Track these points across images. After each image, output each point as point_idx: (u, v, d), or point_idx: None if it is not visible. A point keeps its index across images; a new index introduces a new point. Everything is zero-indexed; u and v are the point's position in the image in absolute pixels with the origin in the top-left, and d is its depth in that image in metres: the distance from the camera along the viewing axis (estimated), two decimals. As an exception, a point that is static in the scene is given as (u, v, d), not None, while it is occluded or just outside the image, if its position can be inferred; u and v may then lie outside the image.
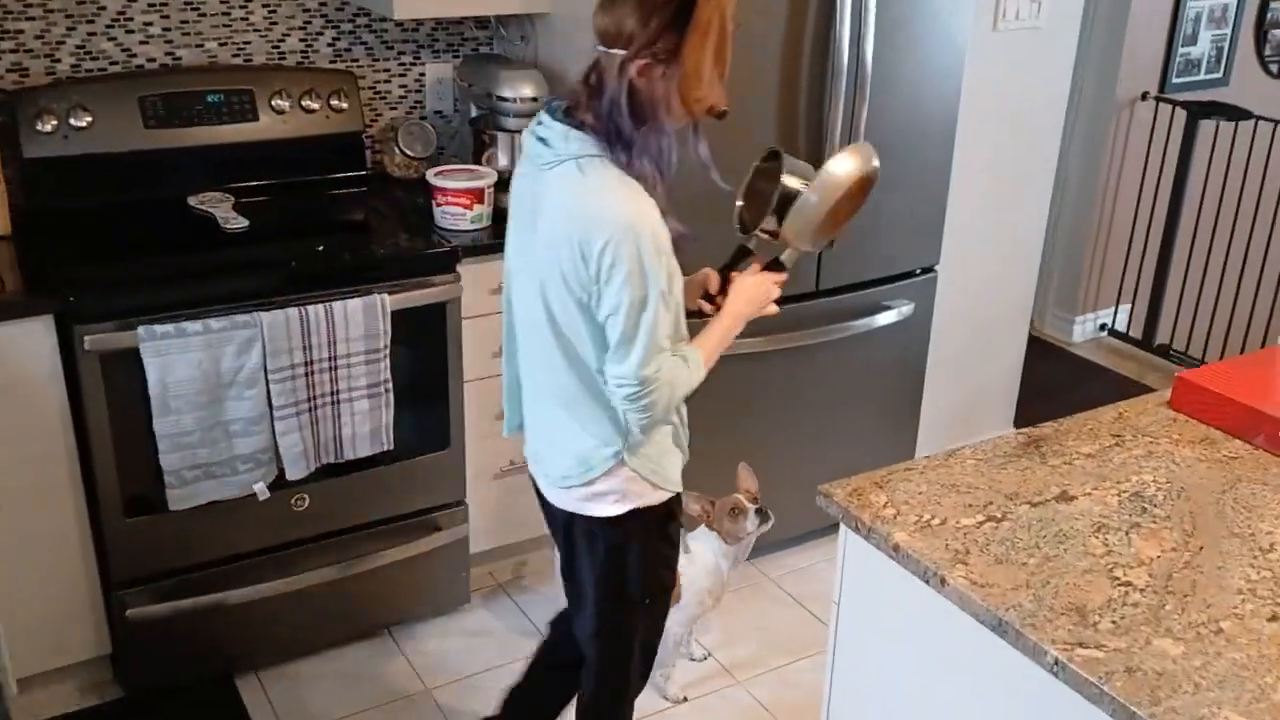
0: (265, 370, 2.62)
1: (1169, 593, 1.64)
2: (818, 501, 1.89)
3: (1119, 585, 1.65)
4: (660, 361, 1.91)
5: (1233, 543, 1.76)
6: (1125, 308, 5.08)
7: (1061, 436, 2.07)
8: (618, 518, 2.08)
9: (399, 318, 2.77)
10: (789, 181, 2.09)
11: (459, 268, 2.88)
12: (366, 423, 2.80)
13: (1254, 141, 4.61)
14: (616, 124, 1.86)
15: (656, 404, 1.94)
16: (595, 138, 1.88)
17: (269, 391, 2.64)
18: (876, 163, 2.11)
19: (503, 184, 3.01)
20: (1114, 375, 4.81)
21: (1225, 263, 4.77)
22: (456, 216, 2.96)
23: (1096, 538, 1.76)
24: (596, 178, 1.87)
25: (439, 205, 2.97)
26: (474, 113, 3.26)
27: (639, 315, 1.87)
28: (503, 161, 3.09)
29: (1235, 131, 4.62)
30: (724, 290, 2.14)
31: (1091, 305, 5.05)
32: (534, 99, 3.06)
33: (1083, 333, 5.06)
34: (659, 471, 2.09)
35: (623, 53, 1.83)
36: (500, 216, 3.01)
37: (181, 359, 2.53)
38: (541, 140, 1.94)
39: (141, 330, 2.49)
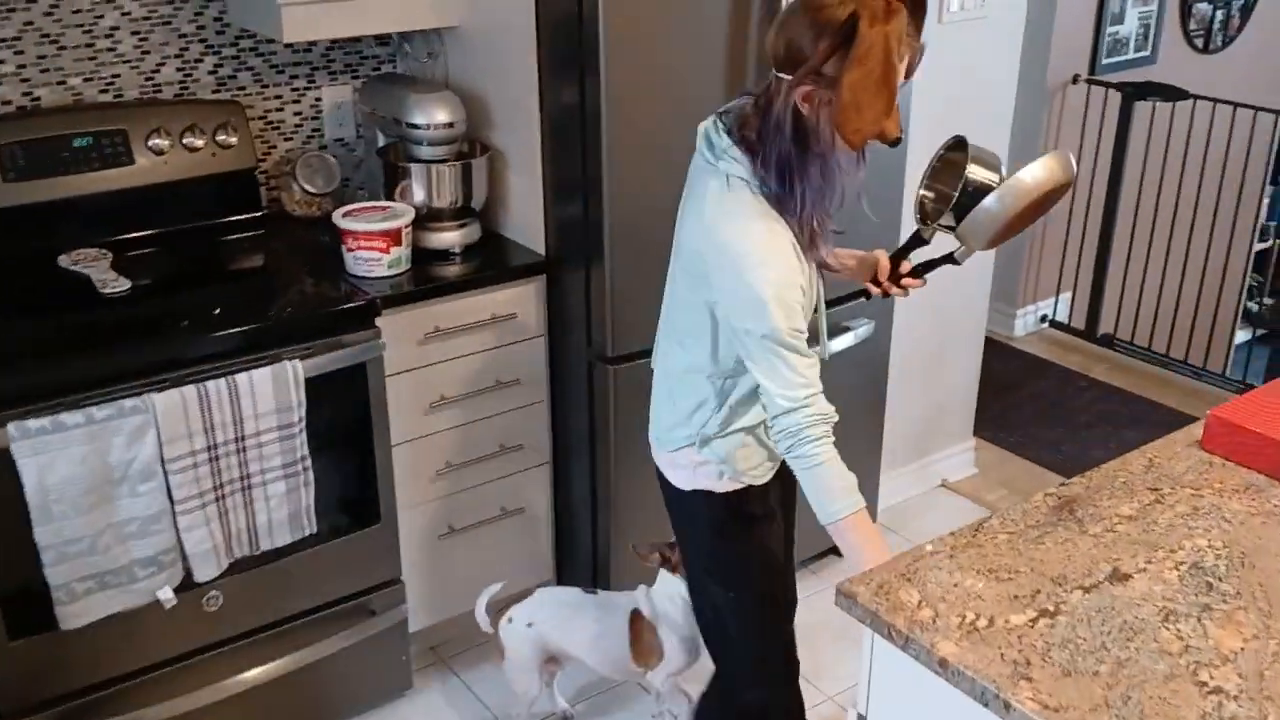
0: (162, 460, 2.26)
1: (1266, 698, 1.40)
2: (836, 603, 1.62)
3: (1209, 694, 1.41)
4: (810, 413, 1.87)
5: (1319, 622, 1.53)
6: (1065, 297, 4.93)
7: (1094, 495, 1.82)
8: (685, 492, 2.11)
9: (314, 385, 2.43)
10: (974, 175, 2.04)
11: (379, 321, 2.55)
12: (284, 508, 2.45)
13: (1193, 121, 4.48)
14: (777, 149, 1.82)
15: (791, 460, 1.91)
16: (750, 160, 1.85)
17: (168, 484, 2.28)
18: (1073, 173, 2.04)
19: (421, 221, 2.69)
20: (1060, 369, 4.65)
21: (1169, 247, 4.64)
22: (371, 262, 2.63)
23: (1167, 629, 1.52)
24: (736, 202, 1.85)
25: (350, 250, 2.63)
26: (381, 141, 2.92)
27: (770, 357, 1.86)
28: (419, 196, 2.76)
29: (1173, 112, 4.48)
30: (894, 277, 2.19)
31: (1031, 297, 4.89)
32: (449, 124, 2.73)
33: (1024, 326, 4.90)
34: (728, 462, 2.05)
35: (789, 77, 1.78)
36: (422, 258, 2.70)
37: (62, 456, 2.16)
38: (708, 141, 1.92)
39: (12, 428, 2.12)
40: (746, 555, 2.17)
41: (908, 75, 1.83)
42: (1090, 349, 4.76)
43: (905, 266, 2.19)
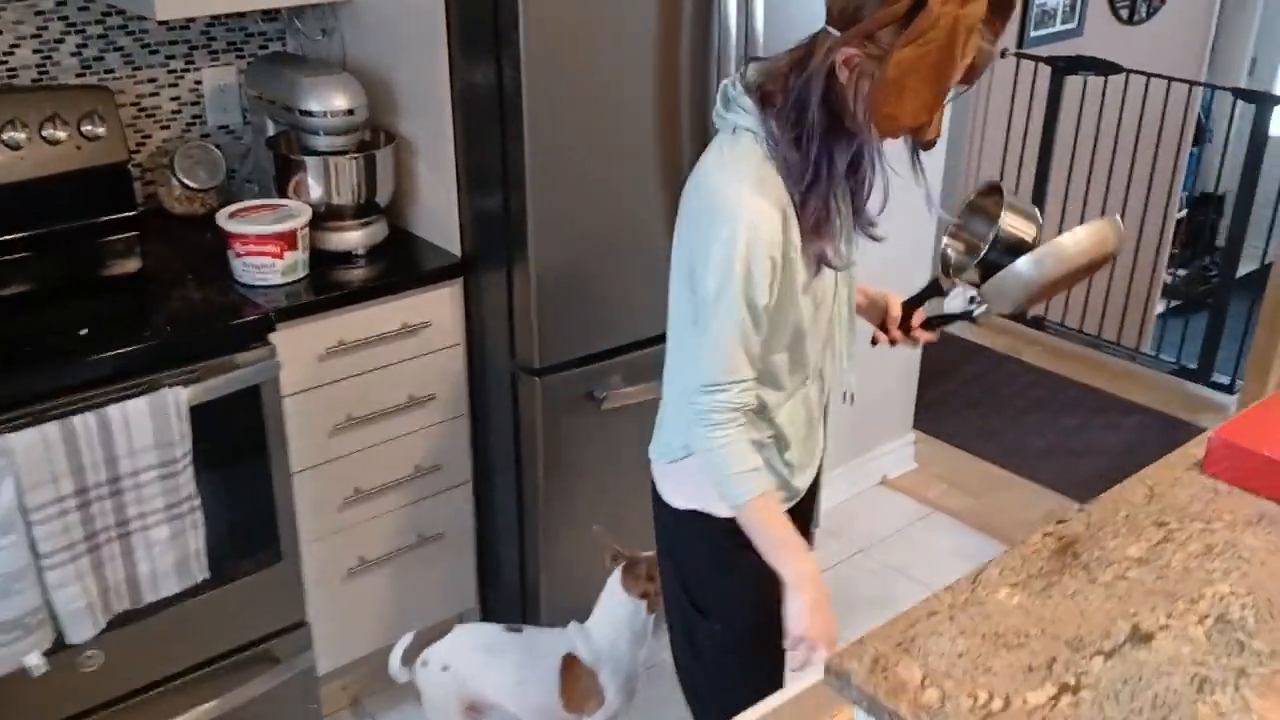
0: (23, 510, 1.95)
1: (1330, 788, 1.21)
2: (826, 683, 1.39)
3: (1266, 786, 1.21)
4: (726, 404, 1.67)
5: (1369, 687, 1.35)
6: (995, 277, 4.78)
7: (1097, 534, 1.63)
8: (680, 512, 1.90)
9: (200, 413, 2.13)
10: (1008, 228, 1.82)
11: (274, 336, 2.25)
12: (170, 554, 2.16)
13: (1125, 95, 4.35)
14: (802, 108, 1.60)
15: (699, 441, 1.72)
16: (763, 115, 1.64)
17: (31, 536, 1.97)
18: (1121, 241, 1.79)
19: (318, 220, 2.40)
20: (991, 354, 4.51)
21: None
22: (263, 269, 2.33)
23: (1203, 701, 1.32)
24: (734, 152, 1.66)
25: (239, 256, 2.33)
26: (271, 129, 2.60)
27: (712, 319, 1.65)
28: (316, 192, 2.45)
29: (1105, 86, 4.34)
30: (904, 326, 1.95)
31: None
32: (348, 111, 2.43)
33: (953, 308, 4.74)
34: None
35: (837, 33, 1.56)
36: (321, 261, 2.41)
37: (-101, 511, 1.84)
38: (724, 95, 1.71)
39: None
40: (741, 587, 1.90)
41: (968, 78, 1.60)
42: (1021, 331, 4.63)
43: (918, 317, 1.95)
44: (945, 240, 1.97)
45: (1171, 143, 4.60)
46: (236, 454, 2.27)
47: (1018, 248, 1.82)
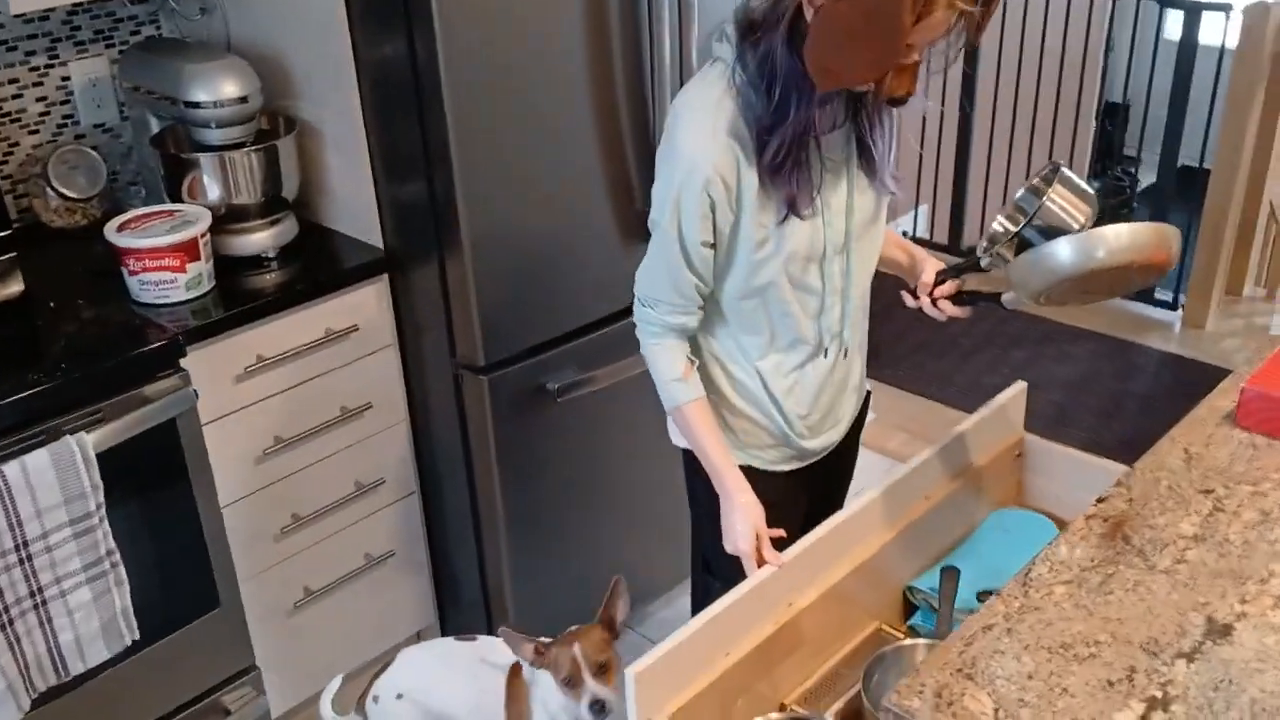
0: (-85, 595, 1.69)
1: None
2: (884, 721, 1.22)
3: (1401, 800, 1.08)
4: (653, 319, 1.69)
5: None
6: (924, 210, 4.65)
7: (1143, 511, 1.48)
8: (682, 451, 1.85)
9: (110, 459, 1.87)
10: (1053, 207, 1.62)
11: (185, 361, 2.00)
12: (93, 618, 1.91)
13: (1047, 17, 4.22)
14: (768, 40, 1.50)
15: (640, 344, 1.74)
16: (741, 47, 1.54)
17: (-71, 623, 1.71)
18: (1172, 254, 1.55)
19: (220, 223, 2.14)
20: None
21: (1030, 150, 4.41)
22: (163, 286, 2.06)
23: (1306, 702, 1.18)
24: (703, 82, 1.59)
25: (134, 274, 2.06)
26: (154, 125, 2.31)
27: (652, 242, 1.65)
28: (213, 192, 2.18)
29: (1025, 10, 4.21)
30: (933, 291, 1.79)
31: (890, 213, 4.59)
32: (240, 99, 2.16)
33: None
34: (726, 426, 1.78)
35: None
36: (228, 269, 2.16)
37: None
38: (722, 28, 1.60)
39: None
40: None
41: (929, 38, 1.44)
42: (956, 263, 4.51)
43: (949, 288, 1.80)
44: (999, 218, 1.80)
45: (1080, 52, 4.49)
46: (157, 496, 2.02)
47: (1061, 230, 1.62)
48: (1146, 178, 5.30)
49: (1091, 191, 1.66)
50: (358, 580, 2.42)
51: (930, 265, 1.84)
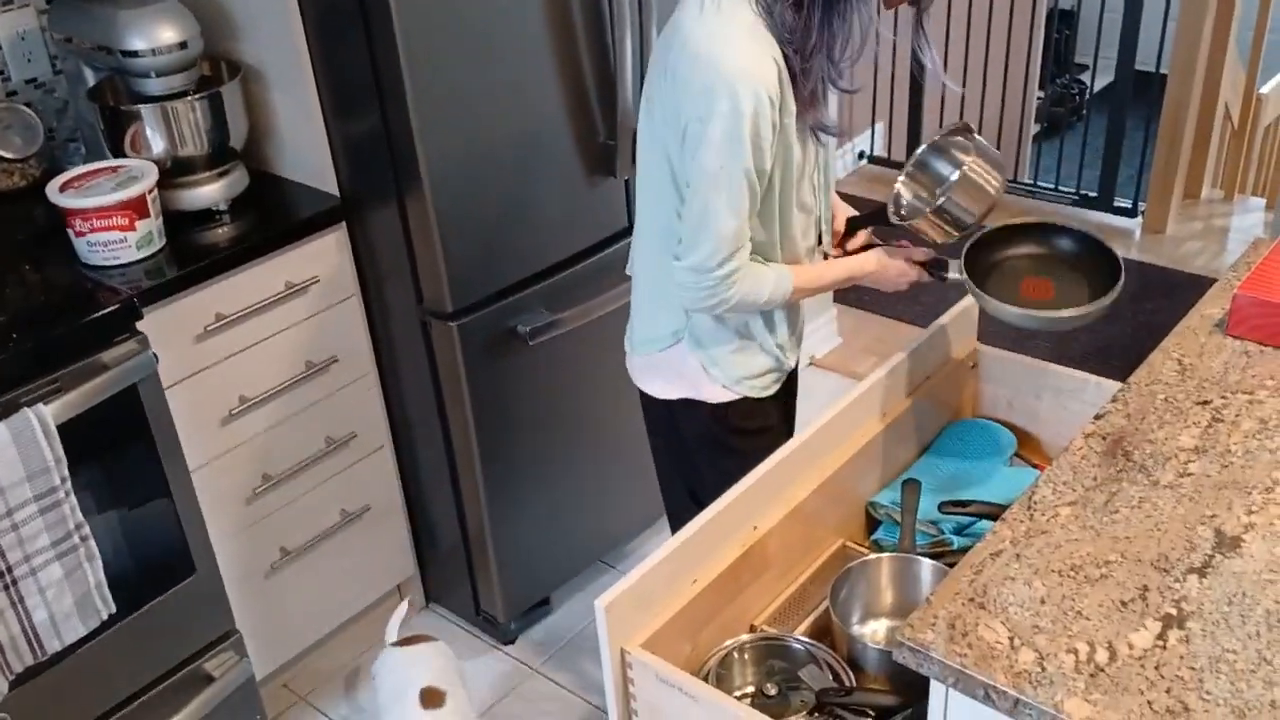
0: (-123, 584, 1.62)
1: None
2: (898, 657, 1.20)
3: None
4: (740, 261, 1.62)
5: None
6: (880, 128, 4.60)
7: (1141, 426, 1.46)
8: (669, 401, 1.84)
9: (72, 429, 1.80)
10: (973, 175, 1.69)
11: (141, 324, 1.92)
12: (66, 595, 1.85)
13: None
14: None
15: (727, 304, 1.65)
16: None
17: (-106, 612, 1.64)
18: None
19: (166, 177, 2.05)
20: (890, 207, 4.35)
21: (986, 63, 4.36)
22: (113, 246, 1.97)
23: (1320, 611, 1.17)
24: (722, 16, 1.53)
25: (81, 235, 1.97)
26: (90, 78, 2.20)
27: (712, 194, 1.56)
28: (158, 145, 2.09)
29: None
30: (843, 243, 1.85)
31: (847, 134, 4.54)
32: (180, 44, 2.06)
33: (844, 166, 4.56)
34: (719, 364, 1.78)
35: None
36: (179, 225, 2.08)
37: None
38: None
39: None
40: (739, 470, 1.76)
41: None
42: (916, 181, 4.48)
43: (859, 239, 1.87)
44: (901, 178, 1.85)
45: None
46: (123, 465, 1.95)
47: (978, 198, 1.70)
48: (1102, 81, 5.28)
49: (999, 154, 1.72)
50: (334, 537, 2.37)
51: (840, 212, 1.86)
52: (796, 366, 1.94)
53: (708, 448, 1.88)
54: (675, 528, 1.98)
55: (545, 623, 2.62)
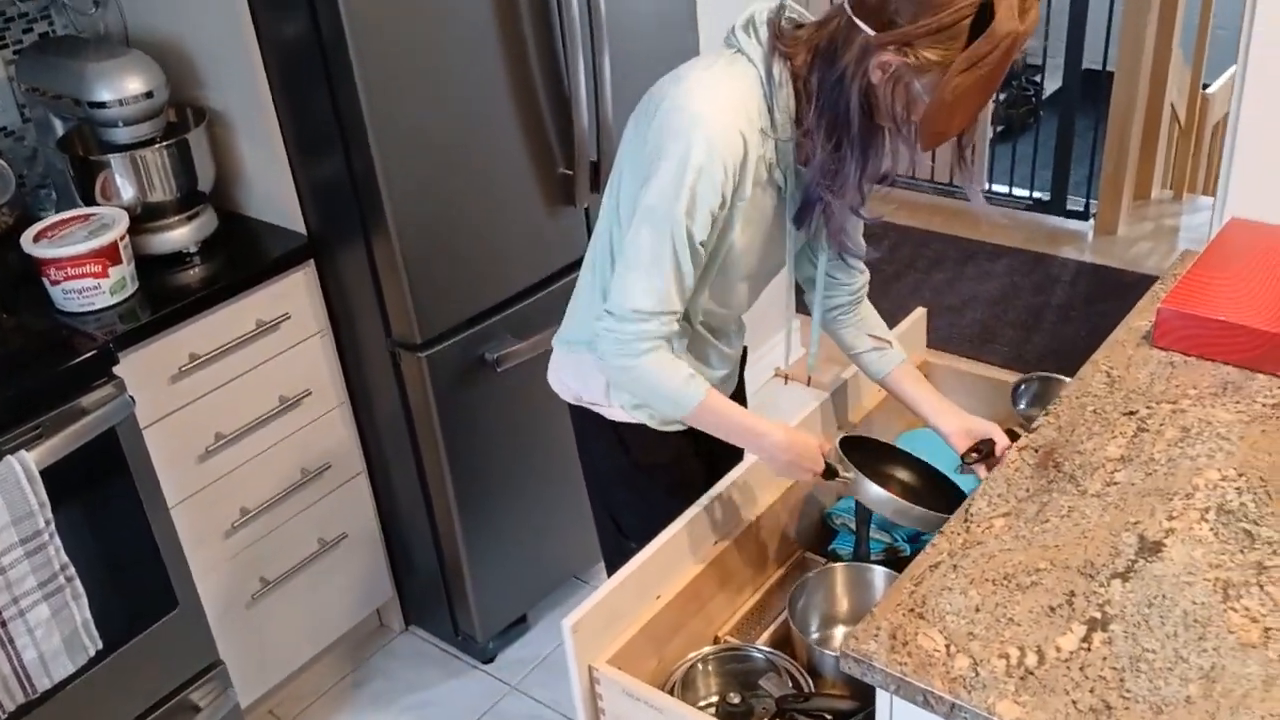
0: None
1: (1385, 681, 1.17)
2: (844, 667, 1.28)
3: (1325, 693, 1.16)
4: (658, 327, 1.53)
5: (1385, 556, 1.31)
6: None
7: (1071, 438, 1.55)
8: (576, 407, 1.82)
9: (54, 474, 1.86)
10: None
11: (118, 368, 1.98)
12: (54, 634, 1.91)
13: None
14: (838, 109, 1.43)
15: (628, 371, 1.57)
16: (774, 60, 1.48)
17: (-113, 658, 1.70)
18: None
19: (137, 223, 2.12)
20: (851, 217, 4.43)
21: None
22: (87, 293, 2.04)
23: (1232, 609, 1.26)
24: (729, 75, 1.49)
25: (56, 284, 2.03)
26: (59, 127, 2.26)
27: (647, 236, 1.49)
28: (127, 192, 2.15)
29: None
30: None
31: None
32: (146, 94, 2.12)
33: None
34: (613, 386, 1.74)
35: (871, 33, 1.38)
36: (150, 269, 2.13)
37: None
38: (751, 22, 1.51)
39: None
40: (650, 504, 1.82)
41: None
42: (874, 189, 4.56)
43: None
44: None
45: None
46: (104, 505, 2.01)
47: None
48: (1052, 84, 5.38)
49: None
50: (313, 565, 2.43)
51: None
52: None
53: (620, 480, 1.86)
54: (604, 554, 2.00)
55: (523, 640, 2.69)
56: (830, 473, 1.67)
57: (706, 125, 1.45)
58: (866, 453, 1.77)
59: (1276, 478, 1.43)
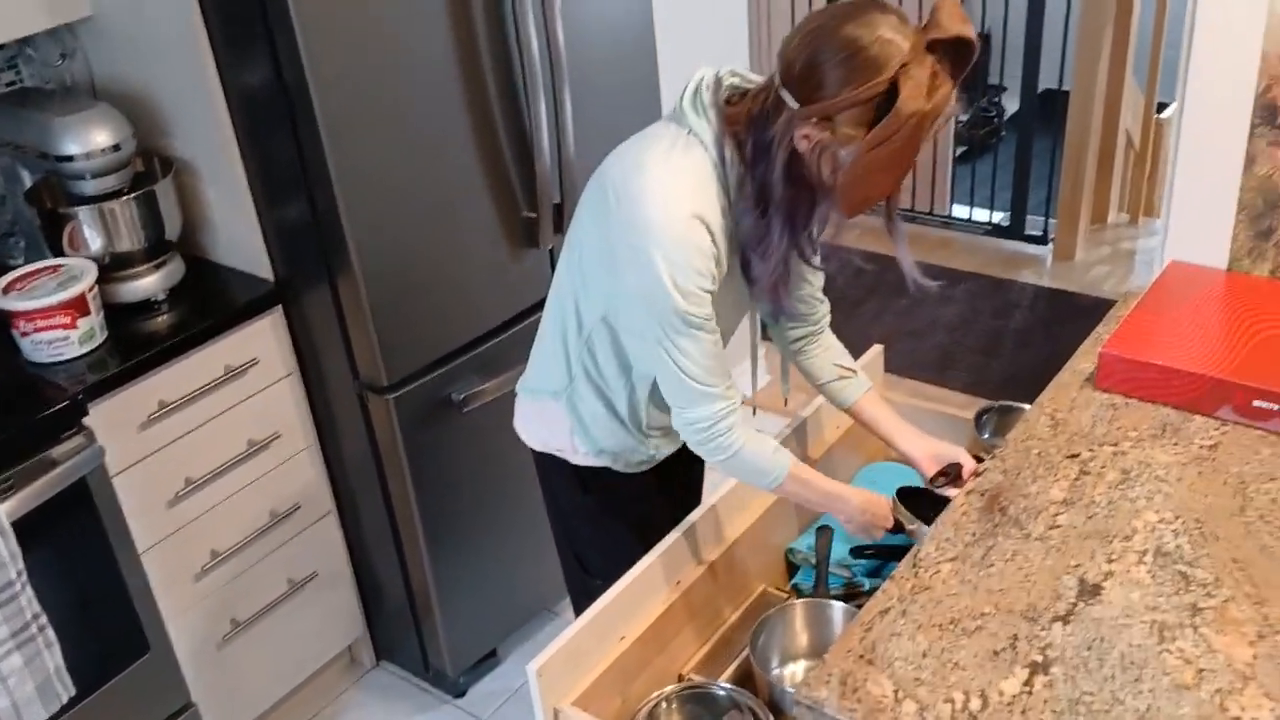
0: None
1: (1309, 720, 1.22)
2: (796, 714, 1.33)
3: (1253, 733, 1.21)
4: (724, 410, 1.63)
5: (1312, 596, 1.37)
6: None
7: (1016, 481, 1.60)
8: (539, 454, 1.89)
9: (25, 525, 1.89)
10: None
11: (88, 419, 2.01)
12: (27, 682, 1.93)
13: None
14: (764, 177, 1.50)
15: (712, 458, 1.68)
16: (725, 141, 1.52)
17: None
18: None
19: (105, 272, 2.15)
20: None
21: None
22: (56, 344, 2.06)
23: (1168, 651, 1.32)
24: (683, 164, 1.53)
25: (26, 335, 2.05)
26: (27, 179, 2.29)
27: (663, 350, 1.57)
28: (95, 243, 2.18)
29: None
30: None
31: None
32: (113, 147, 2.15)
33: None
34: (582, 430, 1.79)
35: (795, 106, 1.44)
36: (119, 318, 2.16)
37: None
38: (695, 92, 1.55)
39: None
40: (615, 542, 1.88)
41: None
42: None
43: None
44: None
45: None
46: (75, 553, 2.03)
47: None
48: (1012, 104, 5.47)
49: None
50: (283, 605, 2.46)
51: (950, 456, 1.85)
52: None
53: (582, 518, 1.92)
54: (570, 593, 2.05)
55: (494, 674, 2.72)
56: (897, 526, 1.77)
57: (667, 230, 1.50)
58: (919, 500, 1.83)
59: (1211, 520, 1.49)
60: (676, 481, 1.99)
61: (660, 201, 1.51)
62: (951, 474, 1.77)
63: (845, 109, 1.40)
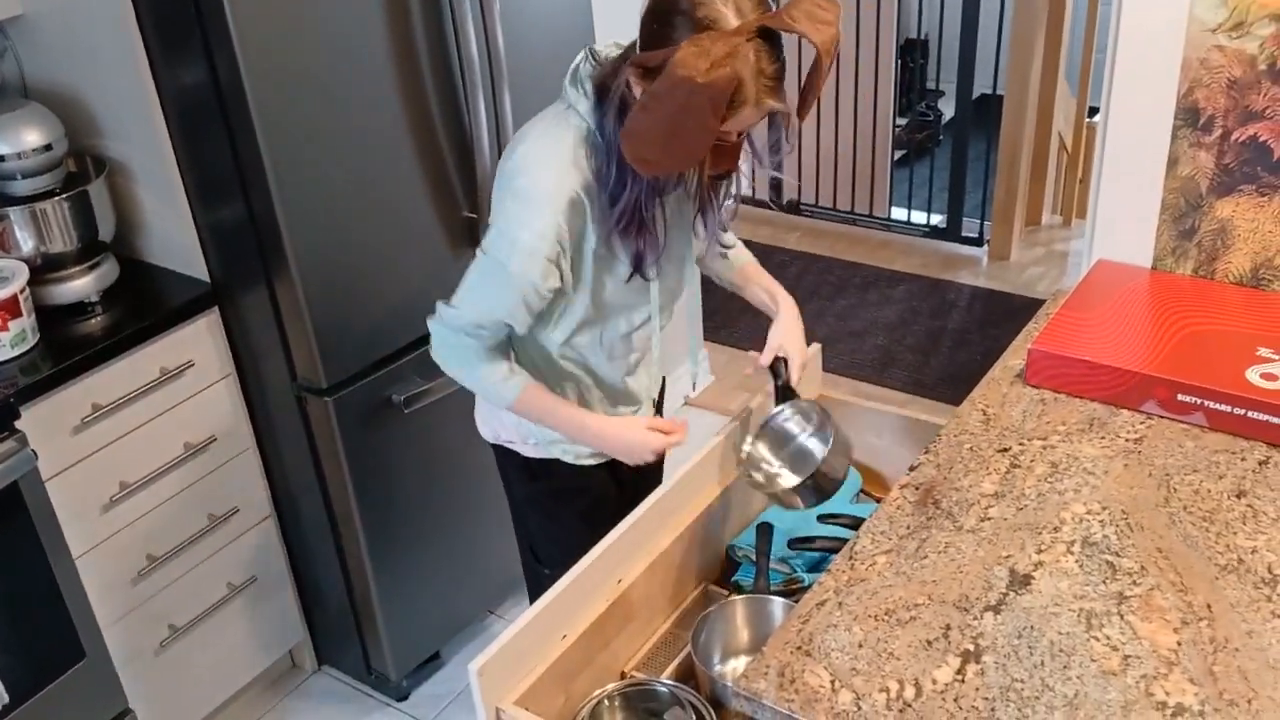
0: None
1: (1229, 704, 1.26)
2: (735, 705, 1.34)
3: (1175, 717, 1.25)
4: (472, 343, 1.72)
5: (1231, 586, 1.41)
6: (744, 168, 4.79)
7: (949, 475, 1.63)
8: (494, 447, 1.97)
9: (-45, 530, 1.86)
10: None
11: (20, 422, 1.98)
12: (-43, 692, 1.90)
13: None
14: (606, 117, 1.56)
15: (443, 364, 1.79)
16: (599, 107, 1.57)
17: None
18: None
19: (37, 274, 2.12)
20: (757, 247, 4.52)
21: (836, 93, 4.58)
22: (-13, 346, 2.03)
23: (1095, 639, 1.35)
24: (557, 134, 1.61)
25: (-46, 338, 2.02)
26: (-45, 179, 2.25)
27: (478, 274, 1.69)
28: (27, 244, 2.15)
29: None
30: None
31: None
32: (45, 146, 2.12)
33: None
34: (524, 425, 1.85)
35: (635, 53, 1.51)
36: (51, 320, 2.13)
37: None
38: (574, 69, 1.63)
39: None
40: (566, 532, 1.92)
41: (743, 129, 1.52)
42: (780, 219, 4.68)
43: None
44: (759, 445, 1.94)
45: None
46: (7, 559, 2.00)
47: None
48: (949, 109, 5.55)
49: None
50: (223, 609, 2.43)
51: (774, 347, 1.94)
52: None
53: (529, 500, 1.98)
54: (527, 584, 2.11)
55: (437, 676, 2.71)
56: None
57: (539, 197, 1.58)
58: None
59: (1137, 511, 1.53)
60: (630, 472, 2.01)
61: (526, 166, 1.59)
62: (776, 371, 1.88)
63: (655, 65, 1.42)
